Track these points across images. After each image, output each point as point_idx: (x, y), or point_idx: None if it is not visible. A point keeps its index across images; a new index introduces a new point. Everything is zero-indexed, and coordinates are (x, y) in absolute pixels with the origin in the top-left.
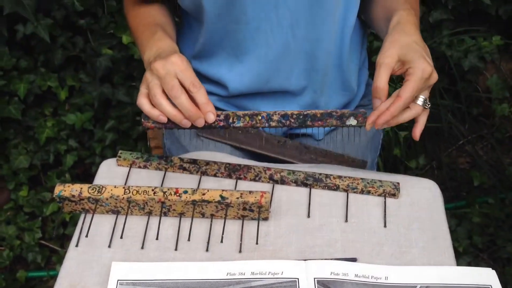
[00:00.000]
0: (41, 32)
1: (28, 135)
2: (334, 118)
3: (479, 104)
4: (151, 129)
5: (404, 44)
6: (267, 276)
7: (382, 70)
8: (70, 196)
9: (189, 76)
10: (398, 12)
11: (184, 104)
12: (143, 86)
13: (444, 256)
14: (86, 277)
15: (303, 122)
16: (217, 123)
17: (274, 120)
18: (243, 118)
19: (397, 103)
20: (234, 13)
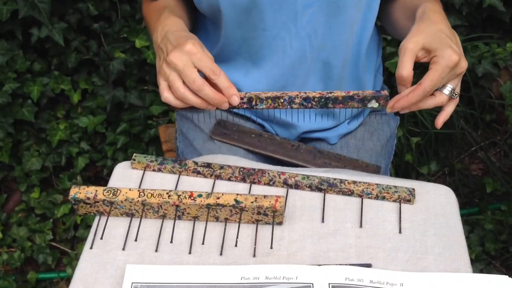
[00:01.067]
0: (55, 36)
1: (40, 137)
2: (355, 101)
3: (492, 110)
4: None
5: (430, 32)
6: (281, 280)
7: (406, 57)
8: (85, 199)
9: (207, 64)
10: (423, 4)
11: (209, 95)
12: (161, 78)
13: (460, 263)
14: (100, 279)
15: (324, 104)
16: (240, 105)
17: (296, 102)
18: (266, 101)
19: (416, 91)
20: (252, 20)
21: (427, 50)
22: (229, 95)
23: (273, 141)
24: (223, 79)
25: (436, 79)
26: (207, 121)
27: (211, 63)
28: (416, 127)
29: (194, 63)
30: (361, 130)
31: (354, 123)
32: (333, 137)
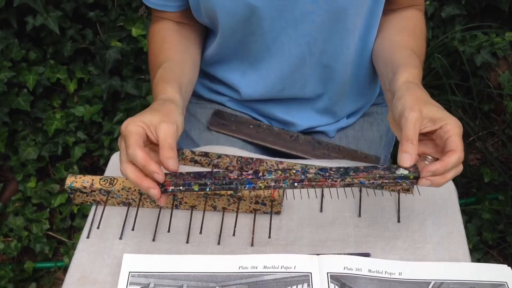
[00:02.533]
0: (50, 24)
1: (36, 126)
2: (380, 169)
3: (490, 100)
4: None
5: (429, 101)
6: (279, 270)
7: (413, 124)
8: (81, 188)
9: (127, 138)
10: (408, 70)
11: (138, 160)
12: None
13: (459, 252)
14: (97, 268)
15: (345, 173)
16: (244, 177)
17: (311, 172)
18: (275, 172)
19: (453, 155)
20: (250, 27)
21: (431, 119)
22: (149, 173)
23: (272, 131)
24: (138, 157)
25: (462, 146)
26: (204, 112)
27: (130, 140)
28: None
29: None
30: (361, 121)
31: (353, 117)
32: (332, 130)
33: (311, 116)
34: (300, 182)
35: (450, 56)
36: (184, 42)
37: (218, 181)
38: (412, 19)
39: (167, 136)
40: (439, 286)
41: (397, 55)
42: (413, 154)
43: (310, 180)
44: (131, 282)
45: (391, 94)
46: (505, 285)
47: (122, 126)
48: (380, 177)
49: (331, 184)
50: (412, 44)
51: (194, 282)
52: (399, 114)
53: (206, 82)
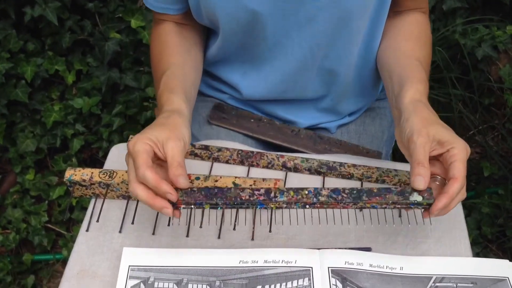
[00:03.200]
0: (49, 15)
1: (35, 118)
2: (394, 193)
3: (491, 94)
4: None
5: (436, 122)
6: (280, 264)
7: (423, 147)
8: (80, 181)
9: (136, 160)
10: (414, 85)
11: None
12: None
13: (460, 247)
14: (96, 262)
15: (357, 197)
16: (256, 198)
17: (324, 195)
18: (287, 193)
19: (455, 184)
20: (252, 31)
21: (439, 142)
22: (161, 194)
23: (273, 126)
24: (149, 179)
25: (465, 171)
26: (204, 106)
27: (138, 163)
28: None
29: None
30: (363, 115)
31: (355, 114)
32: (333, 127)
33: (313, 115)
34: (312, 205)
35: (451, 49)
36: (185, 43)
37: (230, 201)
38: (417, 24)
39: (175, 154)
40: (440, 281)
41: (402, 67)
42: (426, 176)
43: (322, 203)
44: (130, 276)
45: (398, 112)
46: (506, 280)
47: (130, 145)
48: (393, 202)
49: (342, 207)
50: (418, 54)
51: (194, 276)
52: (407, 138)
53: (207, 80)
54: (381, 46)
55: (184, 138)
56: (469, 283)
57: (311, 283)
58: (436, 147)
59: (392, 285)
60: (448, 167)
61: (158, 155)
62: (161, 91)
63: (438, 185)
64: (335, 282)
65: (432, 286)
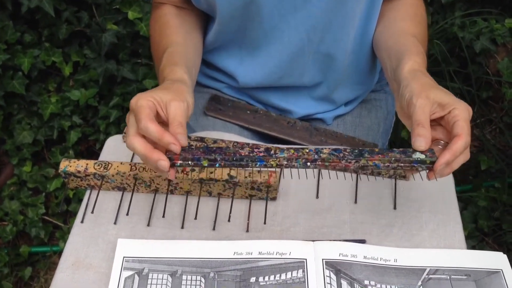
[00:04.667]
0: (45, 6)
1: (32, 110)
2: (396, 152)
3: (489, 87)
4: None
5: (436, 86)
6: (274, 256)
7: (423, 109)
8: (75, 172)
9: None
10: (412, 58)
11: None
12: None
13: (455, 240)
14: (91, 253)
15: (359, 154)
16: (256, 154)
17: (325, 152)
18: (287, 150)
19: (459, 141)
20: (249, 13)
21: (439, 104)
22: (164, 144)
23: (269, 117)
24: (153, 131)
25: (469, 130)
26: (201, 97)
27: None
28: None
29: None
30: (358, 107)
31: (351, 105)
32: (329, 118)
33: (309, 103)
34: (313, 162)
35: (449, 42)
36: (186, 25)
37: (229, 157)
38: (413, 6)
39: (177, 114)
40: (434, 273)
41: (400, 43)
42: (426, 137)
43: (324, 160)
44: (125, 267)
45: (396, 84)
46: (500, 272)
47: (132, 101)
48: (396, 160)
49: (344, 166)
50: (414, 30)
51: (189, 268)
52: (407, 102)
53: (203, 69)
54: (377, 28)
55: (187, 101)
56: (463, 275)
57: (305, 274)
58: (436, 110)
59: (386, 277)
60: (451, 127)
61: (160, 114)
62: (164, 65)
63: (441, 149)
64: (329, 274)
65: (426, 278)
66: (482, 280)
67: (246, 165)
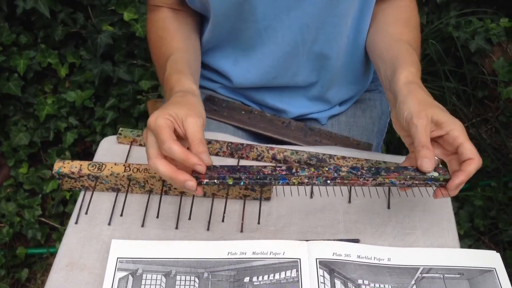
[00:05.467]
0: (41, 8)
1: (28, 112)
2: (411, 170)
3: (484, 87)
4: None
5: (430, 103)
6: (268, 256)
7: (424, 130)
8: (69, 173)
9: (159, 134)
10: (406, 68)
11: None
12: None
13: (448, 238)
14: (85, 254)
15: (376, 172)
16: (278, 173)
17: (344, 171)
18: (308, 169)
19: (473, 164)
20: (242, 12)
21: (436, 123)
22: (190, 166)
23: (263, 118)
24: (175, 151)
25: (475, 148)
26: None
27: (163, 136)
28: None
29: (153, 136)
30: (353, 107)
31: (346, 105)
32: (324, 118)
33: (303, 103)
34: (333, 180)
35: (445, 42)
36: (184, 29)
37: (253, 176)
38: (405, 8)
39: (195, 130)
40: (427, 272)
41: (394, 51)
42: (431, 158)
43: (343, 178)
44: (119, 268)
45: (392, 95)
46: (493, 271)
47: (151, 120)
48: (411, 178)
49: (362, 183)
50: (407, 36)
51: (183, 268)
52: (407, 121)
53: None
54: (370, 30)
55: (202, 115)
56: (456, 274)
57: (299, 274)
58: (434, 128)
59: (380, 276)
60: (457, 150)
61: (178, 131)
62: (169, 74)
63: (452, 180)
64: (322, 273)
65: (419, 277)
66: (476, 279)
67: (270, 183)
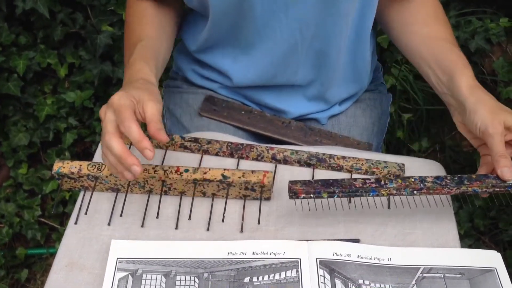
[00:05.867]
0: (40, 8)
1: (27, 112)
2: (492, 178)
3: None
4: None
5: (499, 108)
6: (268, 256)
7: (500, 139)
8: (69, 173)
9: (120, 113)
10: (464, 72)
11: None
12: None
13: (448, 238)
14: (85, 254)
15: (460, 182)
16: (369, 185)
17: (429, 181)
18: (395, 181)
19: None
20: (241, 10)
21: (508, 128)
22: (141, 148)
23: (263, 118)
24: (133, 131)
25: None
26: (195, 98)
27: (125, 114)
28: (408, 103)
29: (113, 113)
30: (353, 107)
31: (345, 104)
32: (324, 118)
33: (302, 103)
34: (419, 190)
35: None
36: (162, 18)
37: (345, 189)
38: (429, 3)
39: (155, 112)
40: (428, 271)
41: (439, 53)
42: (510, 166)
43: (429, 188)
44: (119, 268)
45: (455, 101)
46: (494, 271)
47: (115, 98)
48: (492, 186)
49: (447, 192)
50: (444, 34)
51: (183, 268)
52: (481, 131)
53: (198, 69)
54: (404, 35)
55: (161, 102)
56: (457, 273)
57: (299, 274)
58: (507, 133)
59: (380, 276)
60: None
61: (136, 113)
62: (135, 58)
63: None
64: (323, 273)
65: (420, 276)
66: (476, 279)
67: (361, 195)
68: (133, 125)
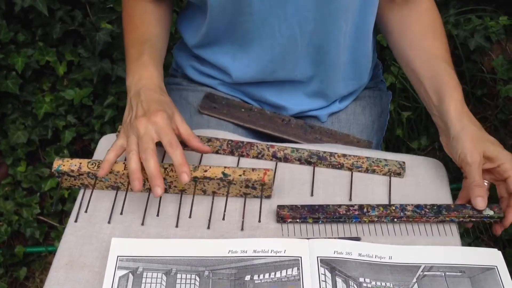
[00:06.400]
0: (39, 5)
1: (26, 110)
2: (469, 209)
3: (483, 85)
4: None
5: (481, 138)
6: (269, 254)
7: (477, 169)
8: (69, 171)
9: (168, 135)
10: (453, 95)
11: (151, 168)
12: (123, 132)
13: (449, 236)
14: (85, 252)
15: (438, 212)
16: (352, 213)
17: (409, 210)
18: (377, 208)
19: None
20: (239, 6)
21: (487, 158)
22: (180, 172)
23: (263, 115)
24: (177, 155)
25: None
26: (195, 95)
27: (172, 135)
28: (407, 101)
29: (156, 133)
30: (353, 105)
31: (345, 101)
32: (324, 115)
33: (302, 99)
34: (399, 218)
35: None
36: (162, 13)
37: (329, 216)
38: (429, 13)
39: (187, 127)
40: (428, 270)
41: (433, 71)
42: (484, 196)
43: (408, 217)
44: (119, 266)
45: (442, 123)
46: (495, 269)
47: (159, 118)
48: (469, 216)
49: (425, 221)
50: (440, 51)
51: (183, 266)
52: (460, 159)
53: (197, 65)
54: (400, 42)
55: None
56: (458, 271)
57: (300, 272)
58: (485, 162)
59: (381, 274)
60: (507, 181)
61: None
62: (148, 60)
63: (486, 190)
64: (324, 271)
65: (421, 275)
66: (477, 277)
67: (344, 221)
68: (153, 160)
